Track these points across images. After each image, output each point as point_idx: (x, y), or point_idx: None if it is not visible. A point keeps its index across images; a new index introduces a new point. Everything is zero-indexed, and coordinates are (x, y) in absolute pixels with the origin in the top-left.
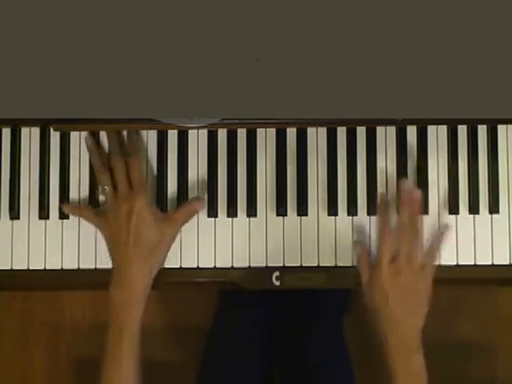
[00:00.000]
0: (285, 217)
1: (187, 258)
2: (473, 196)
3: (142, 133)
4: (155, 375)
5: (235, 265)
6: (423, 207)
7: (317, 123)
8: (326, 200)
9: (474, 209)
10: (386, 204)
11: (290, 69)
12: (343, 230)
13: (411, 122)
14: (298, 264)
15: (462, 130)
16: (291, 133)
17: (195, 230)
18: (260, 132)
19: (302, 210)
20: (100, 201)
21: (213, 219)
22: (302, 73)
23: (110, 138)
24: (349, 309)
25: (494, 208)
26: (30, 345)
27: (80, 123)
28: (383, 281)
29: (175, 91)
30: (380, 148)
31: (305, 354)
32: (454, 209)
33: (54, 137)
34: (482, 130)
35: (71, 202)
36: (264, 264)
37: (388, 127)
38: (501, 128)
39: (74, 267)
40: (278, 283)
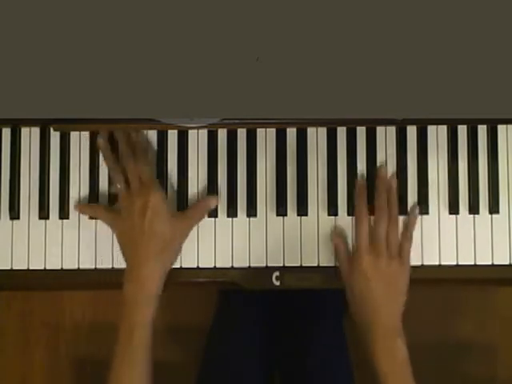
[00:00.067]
0: (285, 217)
1: (187, 258)
2: (473, 196)
3: (142, 133)
4: (155, 375)
5: (235, 265)
6: (423, 207)
7: (317, 123)
8: (326, 200)
9: (474, 209)
10: (364, 189)
11: (290, 69)
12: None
13: (411, 122)
14: (298, 264)
15: (462, 130)
16: (291, 133)
17: (195, 230)
18: (260, 132)
19: (302, 210)
20: (100, 200)
21: (213, 219)
22: (302, 73)
23: (120, 138)
24: (348, 309)
25: (494, 208)
26: (30, 345)
27: (80, 123)
28: (364, 266)
29: (175, 91)
30: (380, 148)
31: (305, 354)
32: (454, 209)
33: (54, 137)
34: (482, 130)
35: (80, 202)
36: (264, 264)
37: (388, 127)
38: (501, 128)
39: (74, 267)
40: (278, 283)
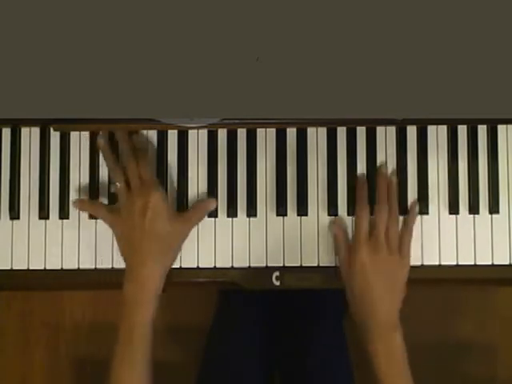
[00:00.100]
0: (285, 217)
1: (187, 258)
2: (473, 196)
3: (142, 133)
4: (155, 375)
5: (235, 265)
6: (423, 207)
7: (317, 123)
8: (326, 200)
9: (474, 209)
10: (365, 183)
11: (290, 69)
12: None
13: (411, 122)
14: (298, 264)
15: (462, 130)
16: (291, 133)
17: (195, 230)
18: (260, 132)
19: (302, 210)
20: (100, 200)
21: (213, 219)
22: (302, 73)
23: (120, 138)
24: (348, 309)
25: (494, 208)
26: (30, 345)
27: (80, 123)
28: (364, 258)
29: (175, 91)
30: (380, 148)
31: (305, 354)
32: (454, 209)
33: (54, 137)
34: (482, 130)
35: (79, 200)
36: (264, 264)
37: (388, 127)
38: (501, 128)
39: (74, 267)
40: (278, 283)
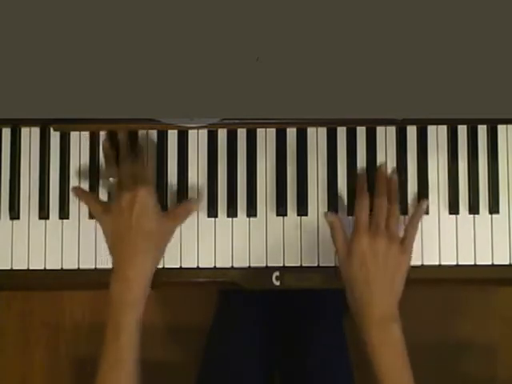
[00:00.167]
0: (285, 217)
1: (187, 258)
2: (473, 196)
3: (142, 133)
4: (155, 375)
5: (235, 265)
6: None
7: (317, 123)
8: (326, 200)
9: (474, 209)
10: (365, 174)
11: (290, 69)
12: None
13: (411, 122)
14: (298, 264)
15: (462, 130)
16: (291, 133)
17: (195, 230)
18: (260, 132)
19: (302, 210)
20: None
21: (213, 219)
22: (302, 73)
23: (121, 138)
24: (348, 309)
25: (494, 208)
26: (30, 345)
27: (80, 123)
28: (363, 246)
29: (175, 91)
30: (380, 148)
31: (305, 354)
32: (454, 209)
33: (54, 137)
34: (482, 130)
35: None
36: (264, 264)
37: (388, 127)
38: (501, 128)
39: (74, 267)
40: (278, 283)
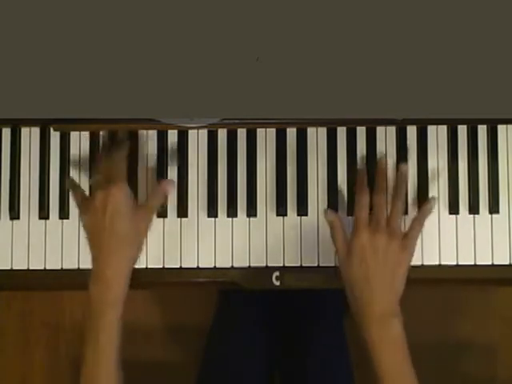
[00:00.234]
0: (285, 217)
1: (187, 258)
2: (473, 196)
3: (142, 133)
4: (155, 375)
5: (235, 265)
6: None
7: (317, 123)
8: (326, 200)
9: (474, 209)
10: (365, 170)
11: (290, 69)
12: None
13: (411, 122)
14: (298, 264)
15: (462, 130)
16: (291, 133)
17: (195, 230)
18: (260, 132)
19: (302, 210)
20: None
21: (213, 219)
22: (302, 73)
23: (103, 136)
24: (349, 309)
25: (494, 208)
26: (30, 345)
27: (80, 123)
28: (363, 241)
29: (175, 91)
30: (380, 148)
31: (305, 354)
32: (454, 209)
33: (54, 137)
34: (482, 130)
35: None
36: (264, 264)
37: (388, 127)
38: (501, 128)
39: (74, 267)
40: (278, 283)
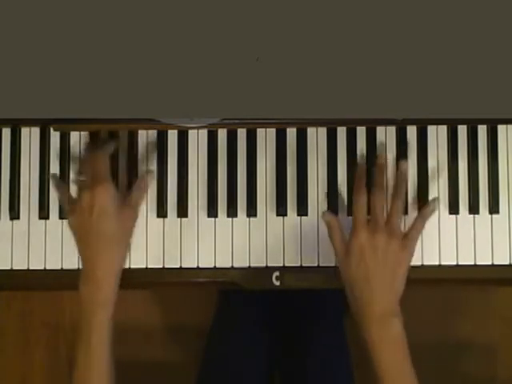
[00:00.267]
0: (285, 217)
1: (187, 258)
2: (473, 196)
3: (142, 133)
4: (155, 375)
5: (235, 265)
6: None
7: (317, 123)
8: (326, 200)
9: (474, 209)
10: (363, 168)
11: (290, 69)
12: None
13: (411, 122)
14: (298, 264)
15: (462, 130)
16: (291, 133)
17: (195, 230)
18: (260, 132)
19: (302, 210)
20: None
21: (213, 219)
22: (302, 73)
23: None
24: (349, 309)
25: (494, 208)
26: (30, 345)
27: (80, 123)
28: (361, 241)
29: (175, 91)
30: (380, 148)
31: (305, 354)
32: (454, 209)
33: (54, 137)
34: (482, 130)
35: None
36: (264, 264)
37: (388, 127)
38: (501, 128)
39: (74, 267)
40: (278, 283)
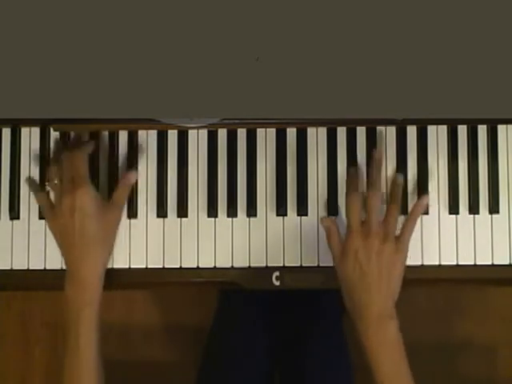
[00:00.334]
0: (285, 217)
1: (187, 258)
2: (473, 196)
3: (142, 133)
4: (155, 375)
5: (235, 265)
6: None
7: (317, 123)
8: (326, 200)
9: (474, 209)
10: (355, 172)
11: (290, 69)
12: (343, 231)
13: (411, 122)
14: (298, 264)
15: (462, 130)
16: (291, 133)
17: (195, 230)
18: (260, 132)
19: (302, 210)
20: None
21: (213, 219)
22: (302, 73)
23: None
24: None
25: (494, 208)
26: (30, 345)
27: (80, 123)
28: (355, 243)
29: (175, 91)
30: (380, 148)
31: (305, 354)
32: (454, 209)
33: (54, 137)
34: (482, 130)
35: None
36: (264, 264)
37: (388, 127)
38: (501, 128)
39: None
40: (278, 283)
